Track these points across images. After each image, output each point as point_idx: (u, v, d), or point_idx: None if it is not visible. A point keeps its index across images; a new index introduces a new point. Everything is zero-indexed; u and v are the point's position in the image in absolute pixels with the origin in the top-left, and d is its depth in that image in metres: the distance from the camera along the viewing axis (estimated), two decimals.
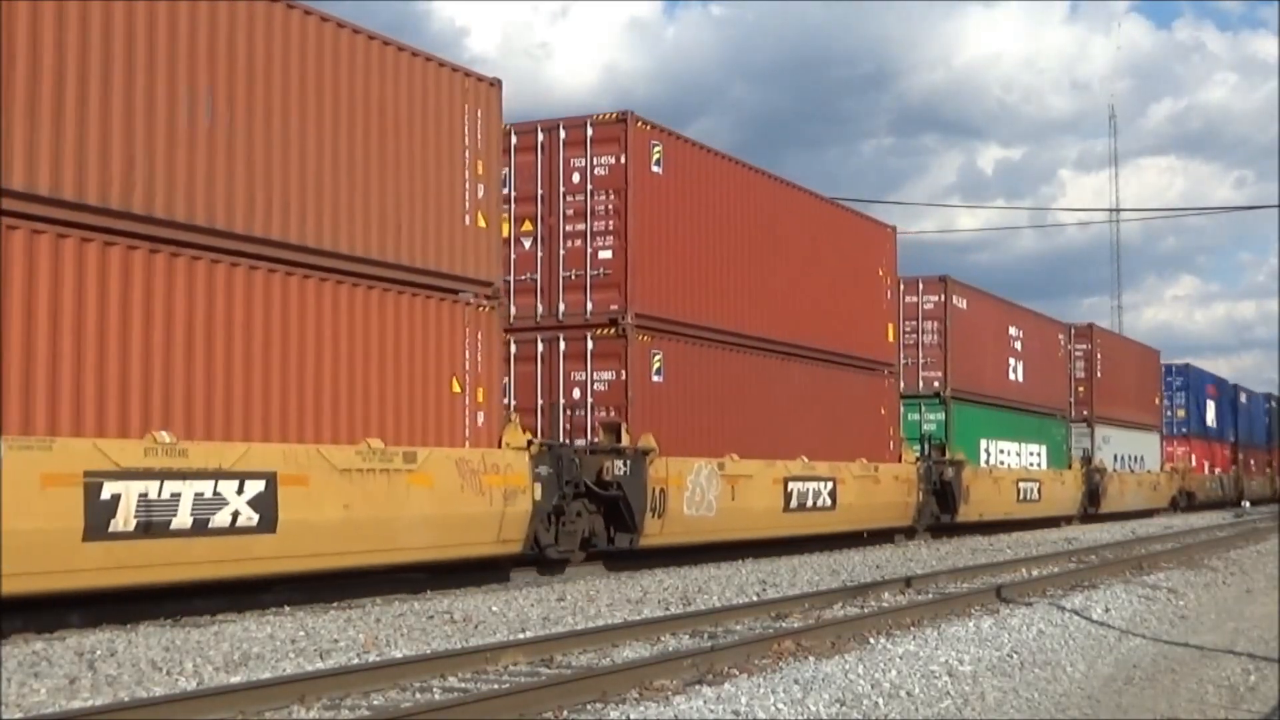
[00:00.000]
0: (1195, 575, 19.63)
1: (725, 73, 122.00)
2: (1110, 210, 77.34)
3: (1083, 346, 42.64)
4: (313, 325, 14.41)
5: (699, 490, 20.18)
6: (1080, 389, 42.18)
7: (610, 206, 19.71)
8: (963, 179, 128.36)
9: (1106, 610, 14.85)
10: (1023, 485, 34.94)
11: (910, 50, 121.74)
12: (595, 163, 19.79)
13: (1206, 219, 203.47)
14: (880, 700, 9.21)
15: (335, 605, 14.54)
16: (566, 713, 8.41)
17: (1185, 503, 52.73)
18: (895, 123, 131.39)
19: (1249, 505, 61.68)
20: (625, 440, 19.11)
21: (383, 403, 15.20)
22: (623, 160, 19.64)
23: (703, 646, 11.04)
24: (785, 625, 12.78)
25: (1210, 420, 57.66)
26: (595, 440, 19.28)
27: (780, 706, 8.70)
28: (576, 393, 19.65)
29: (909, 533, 28.99)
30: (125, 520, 11.79)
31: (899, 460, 27.49)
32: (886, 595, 16.11)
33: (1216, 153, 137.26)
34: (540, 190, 20.03)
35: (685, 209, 20.91)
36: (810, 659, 10.49)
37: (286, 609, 14.21)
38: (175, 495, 12.25)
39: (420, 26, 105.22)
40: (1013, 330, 35.91)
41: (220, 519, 12.70)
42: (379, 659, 10.43)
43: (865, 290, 26.78)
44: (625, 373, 19.38)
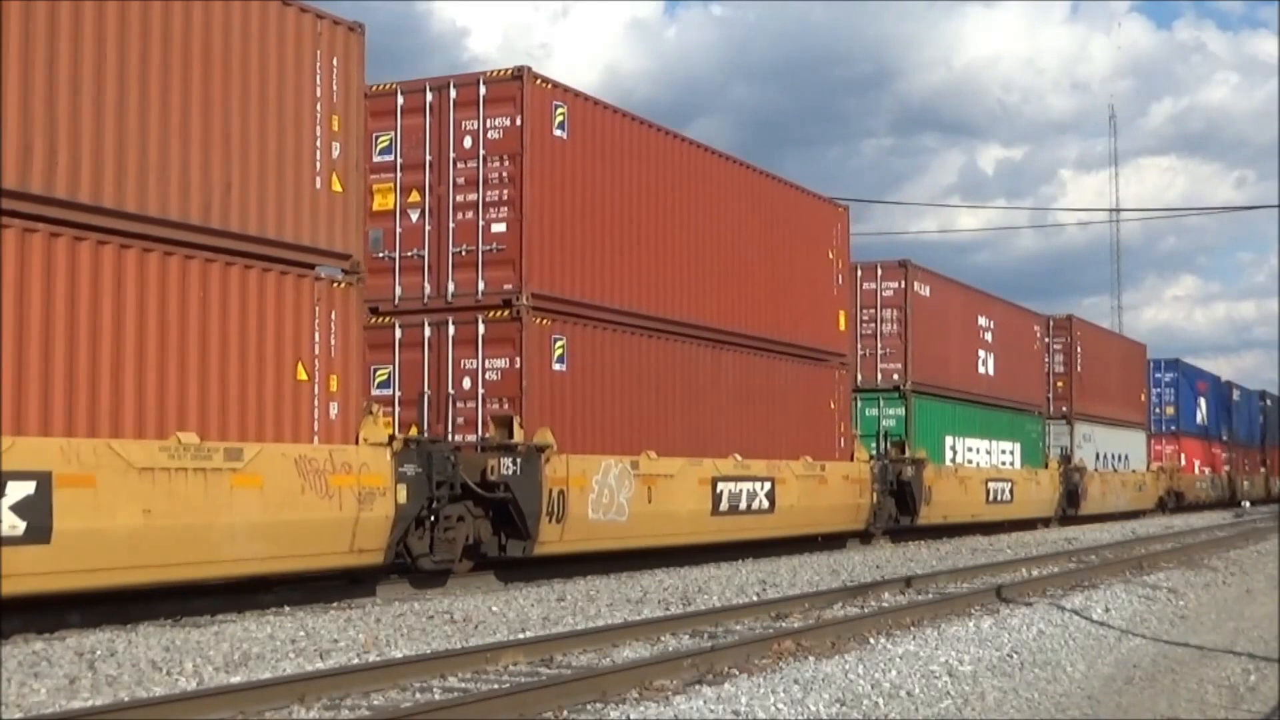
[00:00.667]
0: (1195, 575, 19.57)
1: (726, 73, 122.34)
2: (1110, 210, 76.52)
3: (1061, 339, 40.45)
4: (110, 300, 12.25)
5: (607, 492, 18.07)
6: (1059, 384, 40.00)
7: (504, 174, 17.58)
8: (963, 179, 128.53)
9: (1106, 610, 14.81)
10: (993, 485, 32.84)
11: (910, 50, 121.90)
12: (488, 125, 17.67)
13: (1207, 219, 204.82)
14: (880, 700, 9.19)
15: (335, 605, 14.42)
16: (566, 713, 8.39)
17: (1174, 503, 50.68)
18: (895, 123, 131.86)
19: (1249, 505, 60.70)
20: (518, 435, 17.00)
21: (204, 392, 13.07)
22: (519, 122, 17.51)
23: (703, 646, 11.02)
24: (785, 625, 12.76)
25: (1201, 418, 55.58)
26: (486, 436, 17.18)
27: (780, 706, 8.69)
28: (467, 383, 17.54)
29: (864, 537, 26.88)
30: None
31: (850, 459, 25.34)
32: (886, 595, 16.04)
33: (1217, 153, 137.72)
34: (429, 157, 17.90)
35: (596, 178, 18.78)
36: (810, 659, 10.47)
37: (286, 609, 14.06)
38: None
39: (420, 27, 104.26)
40: (982, 320, 33.70)
41: None
42: (379, 659, 10.41)
43: (812, 274, 24.61)
44: (520, 360, 17.25)
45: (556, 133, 18.01)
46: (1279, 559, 22.77)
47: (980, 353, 33.38)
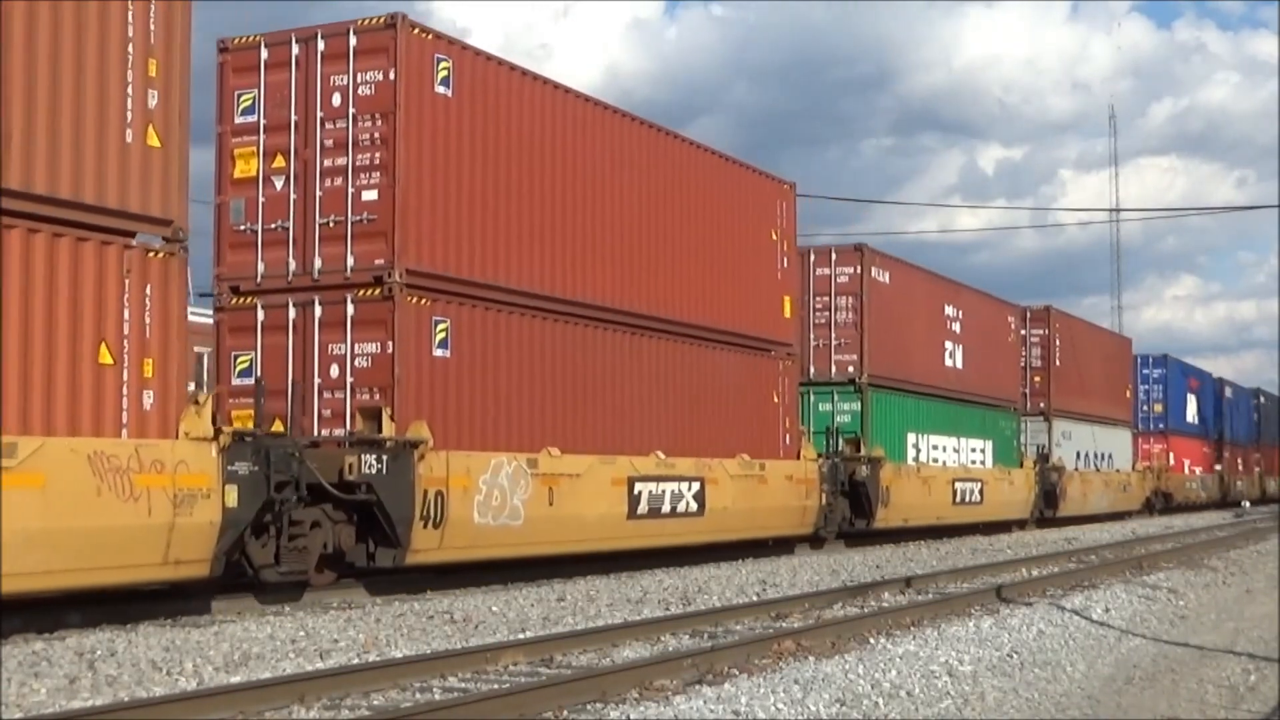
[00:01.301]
0: (1195, 575, 19.56)
1: (726, 73, 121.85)
2: (1110, 210, 75.26)
3: (1039, 331, 38.17)
4: None
5: (498, 493, 16.07)
6: (1036, 378, 37.78)
7: (376, 135, 15.59)
8: (963, 179, 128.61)
9: (1106, 610, 14.80)
10: (960, 486, 30.57)
11: (911, 50, 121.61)
12: (359, 80, 15.69)
13: (1207, 219, 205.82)
14: (880, 700, 9.18)
15: (335, 605, 14.22)
16: (566, 713, 8.39)
17: (1162, 504, 48.54)
18: (896, 123, 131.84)
19: (1249, 505, 59.57)
20: (388, 429, 15.02)
21: None
22: (392, 76, 15.51)
23: (703, 646, 10.99)
24: (785, 625, 12.72)
25: (1191, 416, 53.34)
26: (353, 430, 15.20)
27: (780, 706, 8.69)
28: (335, 370, 15.55)
29: (815, 541, 24.80)
30: None
31: (796, 457, 23.26)
32: (886, 595, 15.96)
33: (1217, 152, 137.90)
34: (294, 117, 15.93)
35: (489, 142, 16.78)
36: (810, 659, 10.45)
37: (286, 609, 13.88)
38: None
39: None
40: (949, 310, 31.36)
41: None
42: (379, 659, 10.37)
43: (752, 256, 22.54)
44: (392, 345, 15.25)
45: (439, 89, 16.00)
46: (1279, 559, 22.67)
47: (947, 344, 31.05)
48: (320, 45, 15.79)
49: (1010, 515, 33.93)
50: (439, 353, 15.78)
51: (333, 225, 15.63)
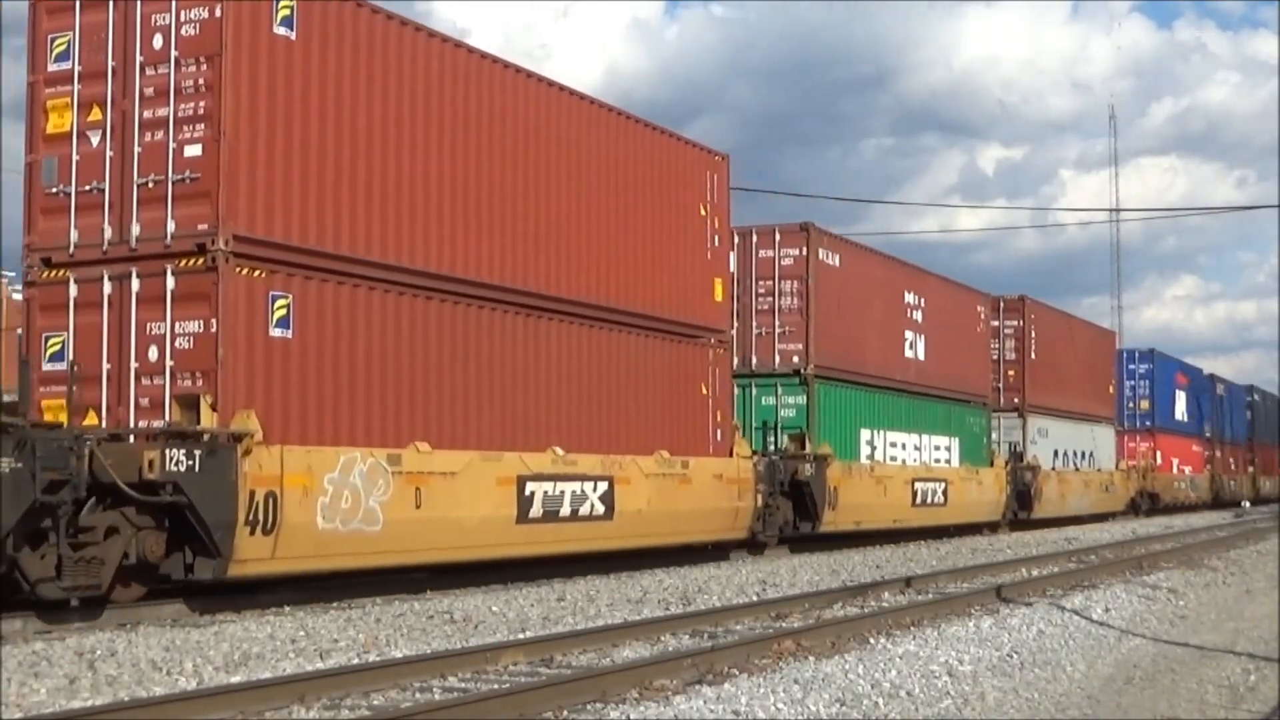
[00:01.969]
0: (1195, 575, 19.55)
1: (726, 73, 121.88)
2: (1111, 210, 74.72)
3: (1013, 323, 35.79)
4: None
5: (349, 494, 13.99)
6: (1010, 372, 35.46)
7: (201, 81, 13.48)
8: (964, 179, 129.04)
9: (1106, 610, 14.80)
10: (921, 486, 28.24)
11: (911, 50, 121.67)
12: (183, 19, 13.59)
13: (1207, 219, 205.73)
14: (880, 700, 9.19)
15: (335, 605, 14.05)
16: (566, 713, 8.38)
17: (1148, 505, 46.17)
18: (896, 123, 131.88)
19: (1248, 505, 58.32)
20: (208, 420, 12.94)
21: None
22: (218, 14, 13.41)
23: (703, 646, 10.99)
24: (785, 625, 12.71)
25: (1180, 413, 50.95)
26: (171, 421, 13.13)
27: (780, 706, 8.69)
28: (154, 353, 13.44)
29: (753, 547, 22.66)
30: None
31: (729, 454, 21.07)
32: (886, 595, 15.92)
33: (1217, 152, 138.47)
34: (112, 62, 13.84)
35: (343, 93, 14.66)
36: (810, 659, 10.46)
37: (286, 609, 13.71)
38: None
39: None
40: (910, 297, 28.92)
41: None
42: (379, 659, 10.36)
43: (676, 233, 20.33)
44: (216, 323, 13.16)
45: (279, 30, 13.89)
46: (1279, 559, 22.55)
47: (908, 334, 28.67)
48: None
49: (979, 517, 31.77)
50: (277, 333, 13.68)
51: (152, 186, 13.53)
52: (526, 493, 16.50)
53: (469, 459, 15.74)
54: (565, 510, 17.11)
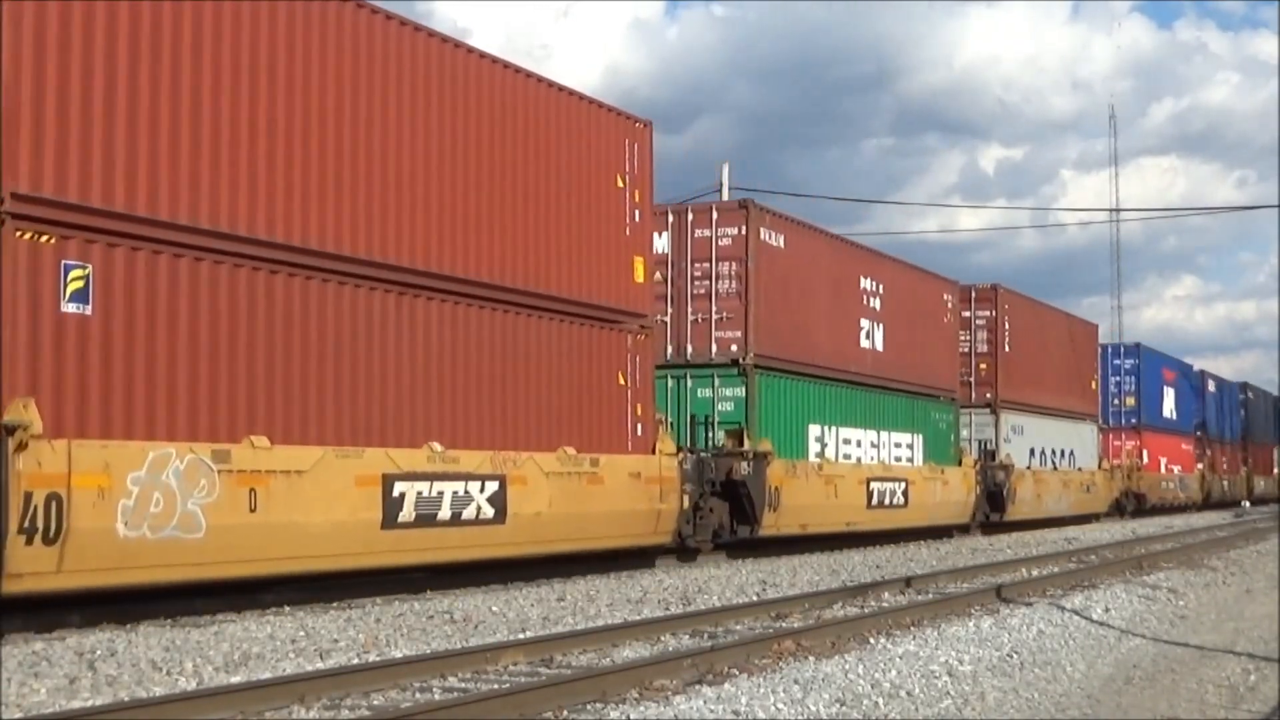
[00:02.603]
0: (1195, 575, 19.63)
1: (727, 73, 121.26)
2: (1111, 210, 73.40)
3: (985, 313, 33.52)
4: None
5: (160, 496, 11.98)
6: (981, 366, 33.23)
7: None
8: (964, 179, 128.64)
9: (1106, 610, 14.83)
10: (878, 486, 25.78)
11: (911, 50, 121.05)
12: None
13: (1208, 219, 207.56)
14: (880, 700, 9.18)
15: (335, 605, 14.04)
16: (566, 713, 8.38)
17: (1134, 507, 44.14)
18: (896, 123, 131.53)
19: (1248, 505, 56.74)
20: None
21: None
22: None
23: (703, 646, 10.99)
24: (785, 625, 12.74)
25: (1169, 410, 48.91)
26: None
27: (780, 706, 8.69)
28: None
29: (683, 553, 20.53)
30: None
31: (652, 451, 18.81)
32: (886, 595, 15.96)
33: (1218, 152, 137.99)
34: None
35: (161, 35, 12.46)
36: (810, 659, 10.46)
37: (286, 609, 13.75)
38: None
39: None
40: (867, 283, 26.41)
41: None
42: (379, 659, 10.32)
43: (589, 207, 18.11)
44: None
45: None
46: (1279, 559, 22.61)
47: (863, 322, 26.19)
48: None
49: (944, 520, 29.35)
50: (72, 308, 11.61)
51: None
52: (395, 494, 14.40)
53: (319, 455, 13.59)
54: (445, 514, 15.03)
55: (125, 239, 12.17)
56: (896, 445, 27.33)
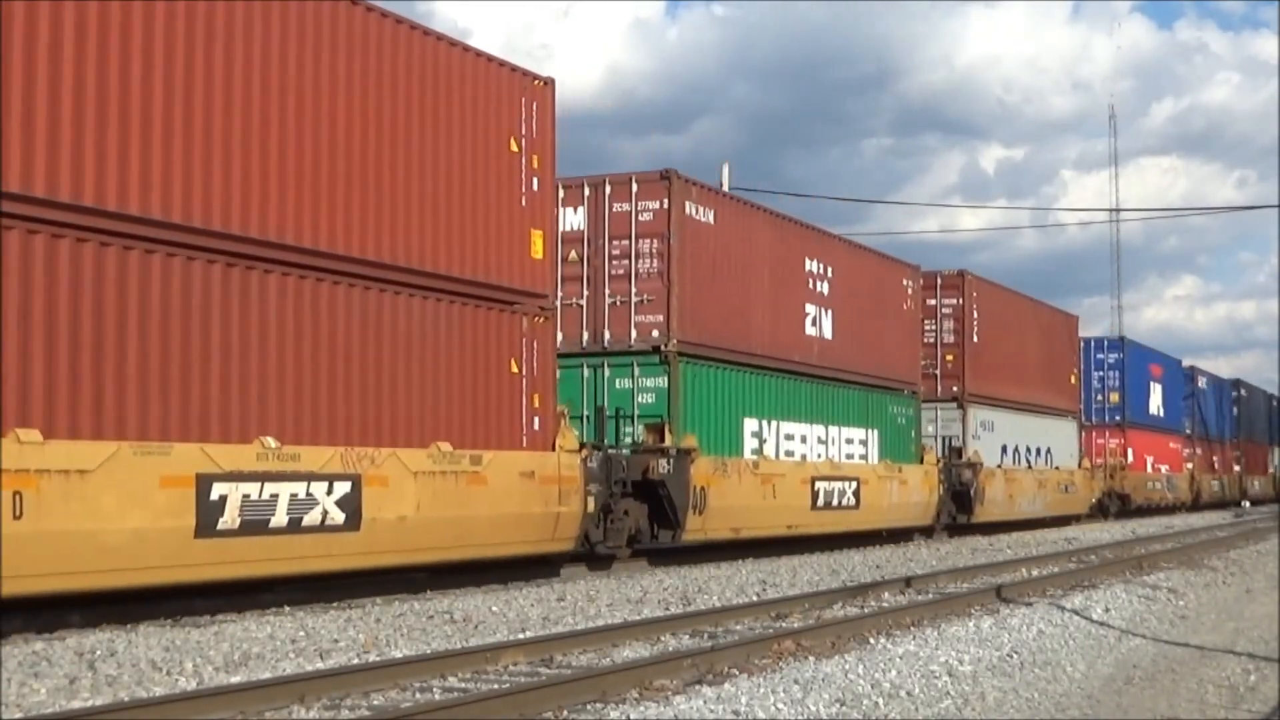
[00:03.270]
0: (1195, 575, 19.65)
1: (727, 73, 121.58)
2: (1111, 210, 74.40)
3: (952, 301, 31.10)
4: None
5: None
6: (948, 357, 30.80)
7: None
8: (964, 179, 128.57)
9: (1106, 610, 14.85)
10: (825, 486, 23.69)
11: (912, 50, 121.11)
12: None
13: (1208, 219, 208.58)
14: (880, 700, 9.22)
15: (335, 605, 14.08)
16: (566, 713, 8.41)
17: (1117, 508, 42.36)
18: (897, 123, 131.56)
19: (1248, 504, 56.62)
20: None
21: None
22: None
23: (703, 646, 11.02)
24: (785, 625, 12.76)
25: (1155, 407, 46.80)
26: None
27: (780, 706, 8.71)
28: None
29: (592, 560, 18.74)
30: None
31: (551, 447, 16.86)
32: (886, 595, 15.99)
33: (1218, 153, 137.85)
34: None
35: None
36: (810, 659, 10.49)
37: (286, 609, 13.81)
38: None
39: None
40: (814, 265, 24.19)
41: None
42: (379, 659, 10.36)
43: (476, 172, 16.14)
44: None
45: None
46: (1279, 559, 22.65)
47: (809, 308, 24.01)
48: None
49: (902, 521, 27.22)
50: None
51: None
52: (213, 497, 12.48)
53: (112, 451, 11.60)
54: (280, 520, 13.12)
55: None
56: (849, 442, 25.27)
